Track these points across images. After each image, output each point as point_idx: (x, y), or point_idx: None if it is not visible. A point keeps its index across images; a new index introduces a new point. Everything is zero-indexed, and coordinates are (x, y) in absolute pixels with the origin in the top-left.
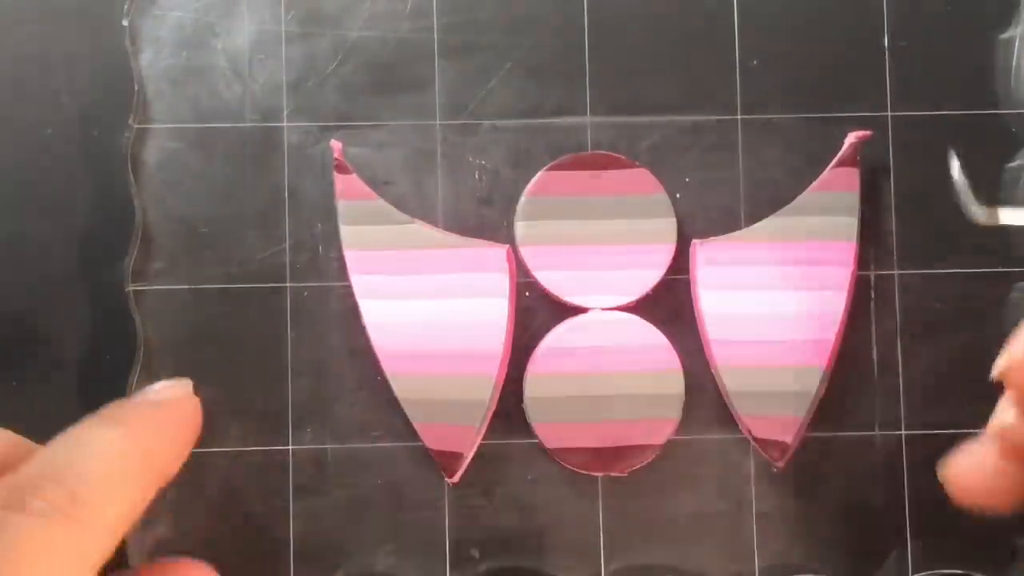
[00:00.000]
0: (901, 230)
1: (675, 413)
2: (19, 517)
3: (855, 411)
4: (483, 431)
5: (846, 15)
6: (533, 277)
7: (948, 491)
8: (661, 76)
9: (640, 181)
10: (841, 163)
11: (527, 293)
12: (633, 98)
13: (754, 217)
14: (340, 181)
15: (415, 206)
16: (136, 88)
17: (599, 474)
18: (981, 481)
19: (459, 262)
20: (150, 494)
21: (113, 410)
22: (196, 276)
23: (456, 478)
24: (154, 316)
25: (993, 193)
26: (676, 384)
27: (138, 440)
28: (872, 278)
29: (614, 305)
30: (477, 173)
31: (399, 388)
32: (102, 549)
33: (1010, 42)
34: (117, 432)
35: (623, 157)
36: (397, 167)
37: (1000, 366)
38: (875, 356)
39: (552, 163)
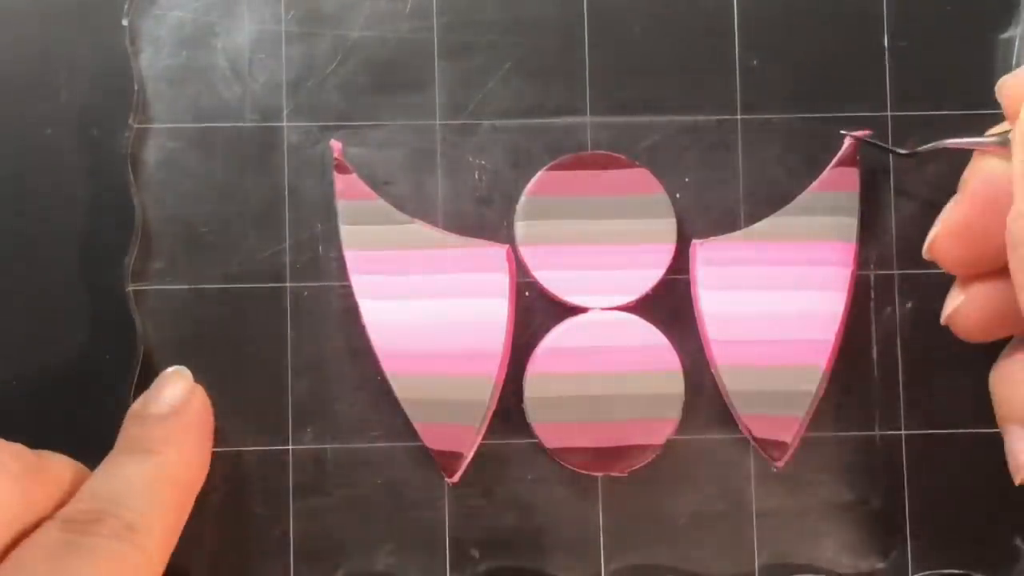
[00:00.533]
0: (901, 230)
1: (675, 413)
2: (92, 540)
3: (855, 411)
4: (483, 431)
5: (846, 15)
6: (533, 277)
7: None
8: (661, 76)
9: (640, 181)
10: (841, 163)
11: (527, 293)
12: (633, 98)
13: (754, 217)
14: (340, 181)
15: (415, 206)
16: (136, 88)
17: (599, 474)
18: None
19: (459, 262)
20: (188, 507)
21: (134, 439)
22: (196, 276)
23: (456, 478)
24: (154, 316)
25: None
26: (676, 384)
27: (165, 467)
28: (872, 278)
29: (614, 305)
30: (477, 173)
31: (399, 388)
32: (158, 567)
33: (1010, 42)
34: (146, 465)
35: (623, 157)
36: (397, 167)
37: (925, 248)
38: (875, 356)
39: (552, 163)
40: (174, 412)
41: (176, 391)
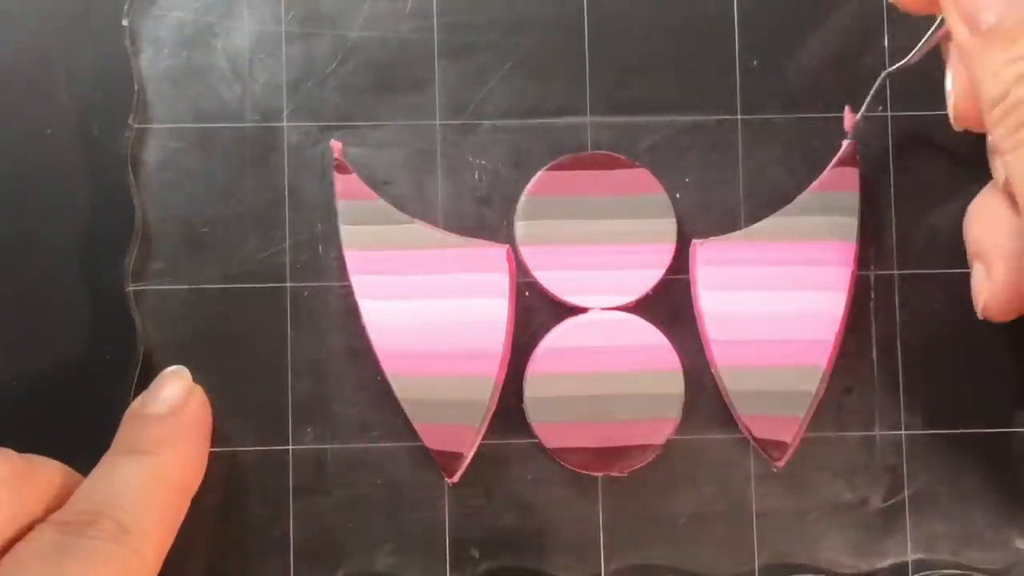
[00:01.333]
0: (901, 230)
1: (675, 413)
2: (86, 541)
3: (855, 411)
4: (483, 431)
5: (846, 15)
6: (533, 277)
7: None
8: (661, 76)
9: (640, 181)
10: (841, 163)
11: (527, 293)
12: (633, 98)
13: (754, 217)
14: (340, 181)
15: (415, 206)
16: (136, 88)
17: (599, 474)
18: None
19: (459, 262)
20: (183, 508)
21: (131, 439)
22: (196, 276)
23: (456, 478)
24: (154, 316)
25: None
26: (676, 384)
27: (161, 468)
28: (872, 278)
29: (614, 305)
30: (477, 173)
31: (399, 388)
32: (153, 569)
33: None
34: (142, 466)
35: (623, 157)
36: (397, 167)
37: (953, 118)
38: (875, 356)
39: (552, 163)
40: (172, 412)
41: (174, 391)
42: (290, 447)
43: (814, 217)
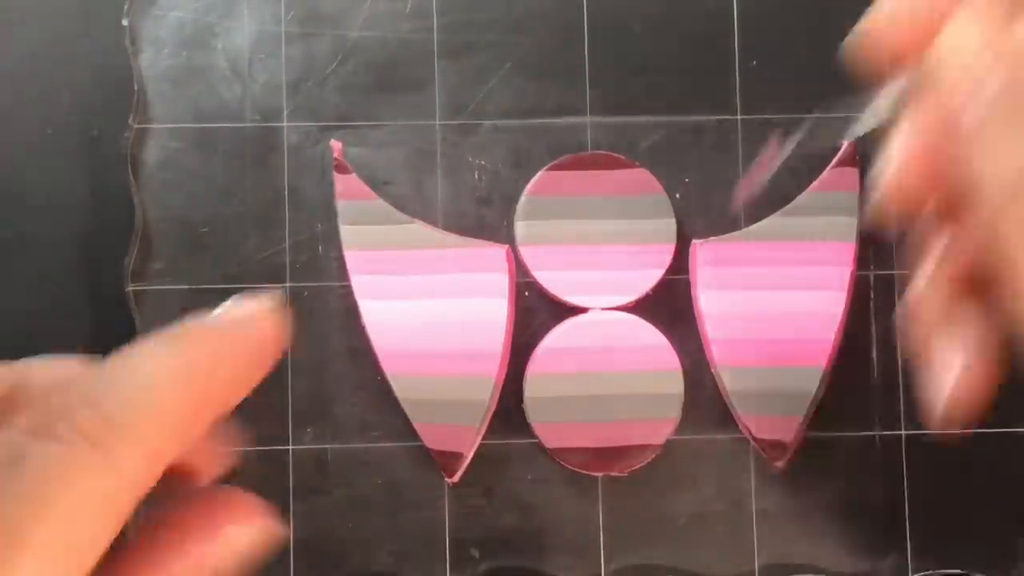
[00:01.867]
0: (901, 230)
1: (675, 413)
2: (39, 445)
3: (855, 411)
4: (483, 431)
5: (846, 15)
6: (533, 277)
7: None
8: (661, 76)
9: (640, 181)
10: (841, 163)
11: (527, 293)
12: (633, 98)
13: (754, 217)
14: (340, 181)
15: (415, 206)
16: (136, 88)
17: (599, 474)
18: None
19: (459, 262)
20: (201, 427)
21: (180, 328)
22: (196, 276)
23: (456, 478)
24: (154, 316)
25: None
26: (676, 384)
27: (195, 363)
28: (872, 278)
29: (614, 305)
30: (477, 173)
31: (399, 388)
32: (134, 486)
33: None
34: (171, 351)
35: (623, 157)
36: (397, 167)
37: (886, 196)
38: (875, 356)
39: (552, 163)
40: (233, 324)
41: (248, 309)
42: (290, 447)
43: (814, 217)
